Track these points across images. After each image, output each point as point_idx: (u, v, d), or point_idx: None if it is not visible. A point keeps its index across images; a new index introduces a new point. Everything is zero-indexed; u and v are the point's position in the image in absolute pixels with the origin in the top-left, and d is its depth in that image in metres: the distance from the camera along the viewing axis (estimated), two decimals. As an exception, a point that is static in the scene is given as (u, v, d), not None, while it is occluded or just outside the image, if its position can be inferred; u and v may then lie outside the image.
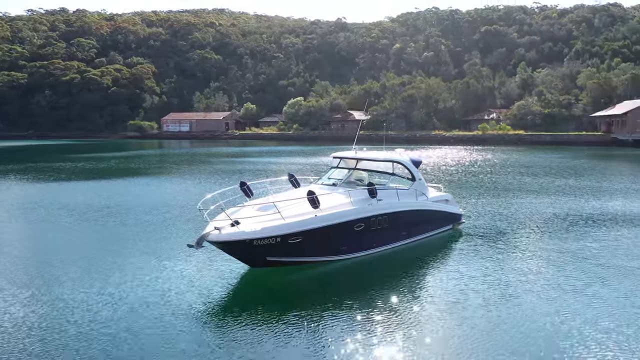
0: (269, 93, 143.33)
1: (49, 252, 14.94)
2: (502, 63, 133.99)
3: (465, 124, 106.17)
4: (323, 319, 9.72)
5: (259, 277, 12.09)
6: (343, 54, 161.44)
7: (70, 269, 13.00)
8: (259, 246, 11.24)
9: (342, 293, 11.21)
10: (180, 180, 33.12)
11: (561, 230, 17.69)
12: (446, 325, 9.56)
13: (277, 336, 9.00)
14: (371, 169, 15.59)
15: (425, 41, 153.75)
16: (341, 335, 9.07)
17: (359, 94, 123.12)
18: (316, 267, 12.62)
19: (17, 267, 13.35)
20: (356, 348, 8.60)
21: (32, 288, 11.60)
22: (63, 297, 11.01)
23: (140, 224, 18.82)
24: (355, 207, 12.80)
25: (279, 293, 11.53)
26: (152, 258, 13.91)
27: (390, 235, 14.05)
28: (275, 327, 9.38)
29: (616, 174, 37.46)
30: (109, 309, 10.30)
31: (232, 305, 10.73)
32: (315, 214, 11.89)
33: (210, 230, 11.08)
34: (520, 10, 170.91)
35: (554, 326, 9.51)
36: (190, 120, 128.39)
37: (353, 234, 12.71)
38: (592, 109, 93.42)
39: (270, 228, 11.32)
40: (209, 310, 10.27)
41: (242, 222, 11.31)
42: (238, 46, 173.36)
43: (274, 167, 42.83)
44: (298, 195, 12.79)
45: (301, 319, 9.73)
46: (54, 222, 19.42)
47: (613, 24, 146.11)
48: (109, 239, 16.48)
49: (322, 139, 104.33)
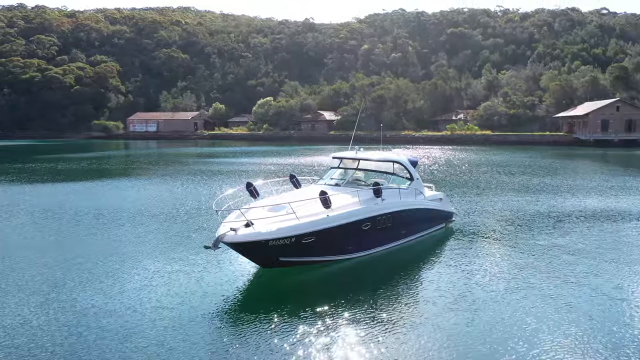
0: (237, 93, 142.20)
1: (55, 255, 14.49)
2: (468, 64, 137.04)
3: (433, 124, 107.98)
4: (336, 318, 9.87)
5: (271, 277, 12.14)
6: (311, 54, 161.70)
7: (80, 273, 12.73)
8: (274, 246, 11.30)
9: (352, 292, 11.39)
10: (168, 182, 32.55)
11: (548, 227, 18.38)
12: (459, 320, 9.86)
13: (292, 336, 9.08)
14: (373, 169, 15.83)
15: (393, 42, 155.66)
16: (355, 334, 9.22)
17: (328, 94, 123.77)
18: (324, 266, 12.75)
19: (26, 271, 13.02)
20: (370, 346, 8.78)
21: (48, 292, 11.38)
22: (79, 301, 10.80)
23: (139, 226, 18.50)
24: (363, 207, 13.02)
25: (291, 293, 11.62)
26: (163, 260, 13.77)
27: (393, 234, 14.33)
28: (289, 327, 9.46)
29: (588, 172, 39.09)
30: (126, 311, 10.20)
31: (246, 305, 10.77)
32: (327, 214, 12.02)
33: (226, 231, 11.06)
34: (484, 14, 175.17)
35: (554, 318, 9.94)
36: (158, 120, 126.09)
37: (360, 233, 12.92)
38: (555, 110, 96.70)
39: (286, 228, 11.39)
40: (223, 311, 10.28)
41: (256, 222, 11.31)
42: (205, 45, 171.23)
43: (254, 167, 42.67)
44: (306, 196, 12.87)
45: (314, 318, 9.85)
46: (51, 226, 18.79)
47: (572, 28, 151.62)
48: (118, 242, 16.17)
49: (293, 139, 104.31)
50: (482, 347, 8.70)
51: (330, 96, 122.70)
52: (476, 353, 8.50)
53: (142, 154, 69.44)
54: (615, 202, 23.77)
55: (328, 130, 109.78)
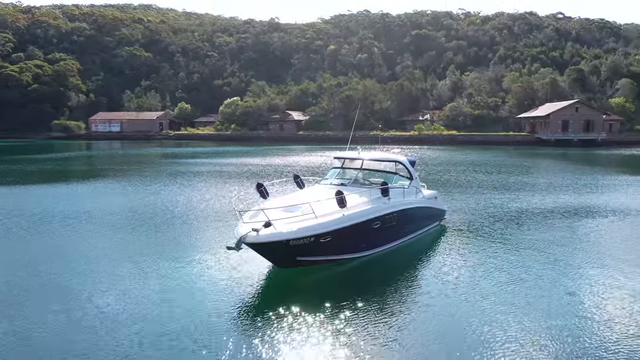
0: (203, 92, 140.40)
1: (73, 259, 14.10)
2: (433, 66, 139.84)
3: (400, 124, 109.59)
4: (353, 317, 10.02)
5: (286, 276, 12.20)
6: (278, 54, 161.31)
7: (94, 276, 12.43)
8: (293, 246, 11.38)
9: (366, 290, 11.60)
10: (154, 184, 31.90)
11: (535, 223, 19.13)
12: (473, 311, 10.23)
13: (311, 335, 9.19)
14: (376, 169, 16.09)
15: (359, 43, 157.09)
16: (373, 332, 9.40)
17: (296, 95, 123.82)
18: (337, 265, 12.89)
19: (44, 275, 12.76)
20: (389, 344, 9.01)
21: (68, 296, 11.12)
22: (96, 303, 10.59)
23: (142, 230, 18.13)
24: (374, 206, 13.25)
25: (308, 292, 11.71)
26: (176, 262, 13.61)
27: (398, 232, 14.63)
28: (307, 326, 9.56)
29: (559, 171, 40.78)
30: (145, 311, 10.12)
31: (264, 304, 10.80)
32: (342, 213, 12.18)
33: (248, 231, 11.06)
34: (447, 16, 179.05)
35: (563, 311, 10.45)
36: (122, 120, 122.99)
37: (371, 231, 13.14)
38: (517, 111, 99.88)
39: (306, 228, 11.48)
40: (241, 311, 10.31)
41: (275, 222, 11.35)
42: (169, 44, 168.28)
43: (234, 168, 42.21)
44: (321, 195, 12.99)
45: (332, 316, 9.99)
46: (54, 231, 18.13)
47: (531, 32, 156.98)
48: (129, 245, 15.85)
49: (262, 139, 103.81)
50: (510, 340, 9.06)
51: (298, 96, 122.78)
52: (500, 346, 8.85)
53: (112, 154, 67.80)
54: (593, 199, 24.90)
55: (297, 130, 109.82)
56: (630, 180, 33.85)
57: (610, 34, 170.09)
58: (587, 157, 59.00)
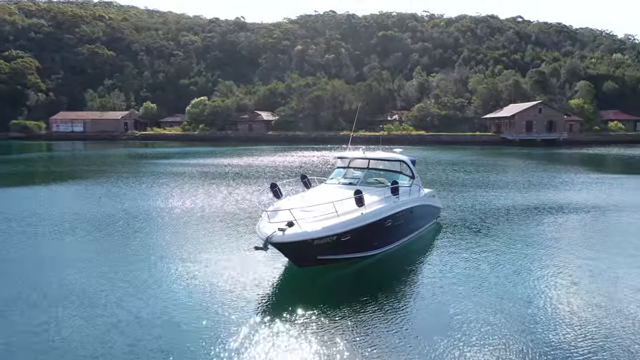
0: (169, 92, 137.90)
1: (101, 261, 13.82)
2: (400, 67, 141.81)
3: (369, 124, 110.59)
4: (371, 315, 10.20)
5: (303, 275, 12.24)
6: (245, 54, 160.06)
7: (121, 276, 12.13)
8: (317, 245, 11.43)
9: (383, 287, 11.84)
10: (140, 185, 31.16)
11: (526, 219, 19.77)
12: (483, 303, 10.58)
13: (331, 334, 9.27)
14: (382, 168, 16.30)
15: (326, 44, 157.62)
16: (392, 328, 9.59)
17: (264, 95, 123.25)
18: (349, 264, 13.00)
19: (69, 277, 12.45)
20: (410, 342, 9.20)
21: (92, 297, 10.91)
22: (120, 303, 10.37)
23: (152, 231, 17.73)
24: (387, 205, 13.46)
25: (327, 291, 11.79)
26: (193, 263, 13.51)
27: (405, 230, 14.88)
28: (327, 325, 9.65)
29: (533, 169, 42.15)
30: (166, 310, 10.01)
31: (284, 304, 10.82)
32: (361, 212, 12.32)
33: (274, 231, 11.05)
34: (412, 18, 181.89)
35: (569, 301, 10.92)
36: (85, 119, 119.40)
37: (383, 230, 13.33)
38: (483, 111, 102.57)
39: (329, 227, 11.54)
40: (261, 310, 10.32)
41: (300, 222, 11.39)
42: (132, 42, 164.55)
43: (216, 169, 41.68)
44: (340, 195, 13.10)
45: (352, 314, 10.14)
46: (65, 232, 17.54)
47: (493, 34, 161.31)
48: (148, 246, 15.48)
49: (231, 140, 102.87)
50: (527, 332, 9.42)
51: (266, 96, 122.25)
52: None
53: (84, 155, 65.88)
54: (575, 196, 25.93)
55: (266, 131, 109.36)
56: (602, 178, 35.41)
57: (567, 37, 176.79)
58: (552, 156, 61.10)
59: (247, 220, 19.13)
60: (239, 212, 20.95)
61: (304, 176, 15.80)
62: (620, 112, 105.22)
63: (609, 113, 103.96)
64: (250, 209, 21.61)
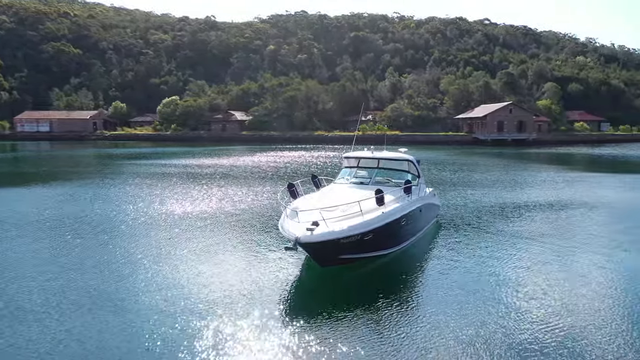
0: (139, 91, 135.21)
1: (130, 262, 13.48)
2: (372, 67, 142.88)
3: (343, 124, 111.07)
4: (394, 312, 10.32)
5: (327, 275, 12.27)
6: (216, 53, 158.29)
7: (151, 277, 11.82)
8: (341, 245, 11.43)
9: (402, 285, 11.97)
10: (128, 187, 30.39)
11: (519, 216, 20.25)
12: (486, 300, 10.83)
13: (355, 334, 9.33)
14: (391, 168, 16.40)
15: (299, 44, 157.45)
16: (413, 328, 9.71)
17: (237, 94, 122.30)
18: (365, 262, 13.06)
19: (94, 277, 12.20)
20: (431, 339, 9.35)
21: (115, 295, 10.63)
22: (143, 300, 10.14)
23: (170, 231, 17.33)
24: (402, 204, 13.58)
25: (348, 290, 11.82)
26: (214, 264, 13.40)
27: (415, 228, 15.05)
28: (351, 324, 9.71)
29: (513, 168, 43.28)
30: (191, 308, 9.85)
31: (307, 302, 10.89)
32: (382, 211, 12.39)
33: (302, 231, 10.99)
34: (382, 19, 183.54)
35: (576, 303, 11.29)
36: (51, 119, 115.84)
37: (399, 228, 13.45)
38: (455, 112, 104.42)
39: (355, 226, 11.55)
40: (283, 310, 10.32)
41: (326, 221, 11.38)
42: (99, 40, 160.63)
43: (201, 170, 41.10)
44: (348, 194, 13.09)
45: (374, 313, 10.24)
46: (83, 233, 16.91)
47: (462, 36, 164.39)
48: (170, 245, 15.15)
49: (204, 140, 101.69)
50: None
51: (239, 96, 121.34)
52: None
53: (52, 156, 63.83)
54: (558, 193, 26.70)
55: (240, 131, 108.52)
56: (581, 176, 36.74)
57: (533, 40, 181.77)
58: (526, 155, 62.71)
59: (258, 220, 19.13)
60: (249, 213, 20.83)
61: (314, 176, 15.81)
62: (585, 113, 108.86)
63: (575, 114, 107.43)
64: (256, 210, 21.53)
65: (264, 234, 16.83)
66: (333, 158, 53.93)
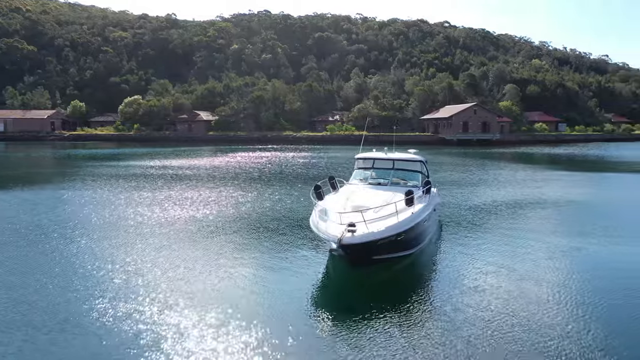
0: (99, 90, 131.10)
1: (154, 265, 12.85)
2: (337, 68, 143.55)
3: (311, 125, 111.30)
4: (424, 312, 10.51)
5: (361, 275, 12.34)
6: (178, 52, 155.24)
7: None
8: (378, 245, 11.49)
9: (430, 285, 12.18)
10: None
11: (513, 214, 20.90)
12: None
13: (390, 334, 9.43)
14: (406, 168, 16.59)
15: (263, 43, 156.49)
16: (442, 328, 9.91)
17: (202, 94, 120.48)
18: (392, 264, 13.18)
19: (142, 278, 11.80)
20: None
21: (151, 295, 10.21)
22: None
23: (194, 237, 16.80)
24: (425, 204, 13.76)
25: (378, 290, 11.86)
26: (242, 266, 13.23)
27: (431, 228, 15.30)
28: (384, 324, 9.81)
29: (493, 167, 44.35)
30: (221, 309, 9.72)
31: (339, 304, 10.92)
32: (411, 211, 12.54)
33: (344, 233, 10.97)
34: (346, 20, 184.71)
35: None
36: (5, 119, 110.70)
37: (423, 228, 13.65)
38: (420, 113, 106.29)
39: (392, 227, 11.62)
40: (314, 311, 10.34)
41: (360, 224, 11.41)
42: (55, 37, 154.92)
43: (189, 171, 40.30)
44: (371, 195, 13.15)
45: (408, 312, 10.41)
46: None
47: (424, 38, 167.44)
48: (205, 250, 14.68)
49: (170, 140, 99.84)
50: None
51: (204, 96, 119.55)
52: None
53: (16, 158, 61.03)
54: (541, 192, 27.75)
55: (206, 131, 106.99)
56: (559, 175, 38.21)
57: (490, 43, 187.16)
58: (493, 155, 64.45)
59: (277, 222, 19.02)
60: (247, 217, 20.57)
61: (331, 177, 15.80)
62: (543, 114, 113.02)
63: (534, 114, 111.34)
64: (256, 211, 21.32)
65: (282, 235, 16.76)
66: (311, 159, 53.89)
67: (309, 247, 14.97)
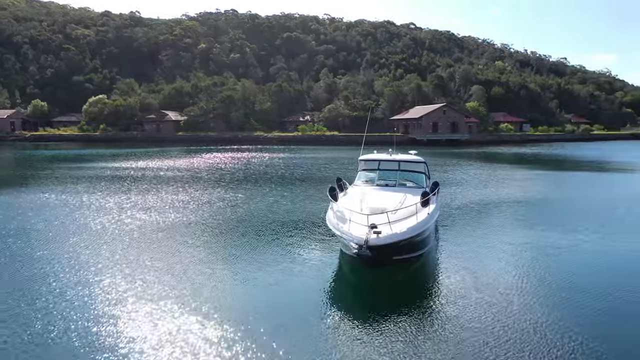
0: (61, 89, 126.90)
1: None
2: (306, 68, 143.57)
3: (281, 125, 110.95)
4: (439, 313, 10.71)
5: (382, 275, 12.42)
6: (144, 50, 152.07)
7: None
8: (399, 246, 11.58)
9: (444, 285, 12.38)
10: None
11: (504, 208, 21.48)
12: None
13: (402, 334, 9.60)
14: (410, 169, 16.78)
15: (231, 43, 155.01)
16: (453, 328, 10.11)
17: (170, 94, 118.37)
18: (408, 264, 13.30)
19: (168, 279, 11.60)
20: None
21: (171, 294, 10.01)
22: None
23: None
24: (436, 204, 13.98)
25: (396, 290, 12.02)
26: (254, 269, 13.15)
27: (436, 227, 15.56)
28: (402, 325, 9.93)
29: (472, 167, 45.25)
30: (251, 311, 9.68)
31: (354, 305, 11.04)
32: (427, 212, 12.70)
33: (370, 235, 11.00)
34: (314, 20, 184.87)
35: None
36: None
37: (435, 228, 13.88)
38: (390, 113, 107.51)
39: (412, 228, 11.71)
40: (339, 312, 10.44)
41: (384, 226, 11.47)
42: (13, 33, 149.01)
43: (173, 173, 39.48)
44: (381, 196, 13.26)
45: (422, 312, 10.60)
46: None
47: (391, 40, 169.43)
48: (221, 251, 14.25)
49: (138, 140, 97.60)
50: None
51: (172, 96, 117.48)
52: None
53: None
54: (528, 190, 28.62)
55: (175, 131, 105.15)
56: (538, 174, 39.35)
57: (455, 45, 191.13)
58: (463, 154, 65.81)
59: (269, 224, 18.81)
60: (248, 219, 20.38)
61: (339, 179, 15.84)
62: (508, 115, 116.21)
63: (499, 115, 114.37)
64: (256, 212, 21.17)
65: (289, 237, 16.66)
66: (288, 160, 53.68)
67: (320, 247, 15.05)
